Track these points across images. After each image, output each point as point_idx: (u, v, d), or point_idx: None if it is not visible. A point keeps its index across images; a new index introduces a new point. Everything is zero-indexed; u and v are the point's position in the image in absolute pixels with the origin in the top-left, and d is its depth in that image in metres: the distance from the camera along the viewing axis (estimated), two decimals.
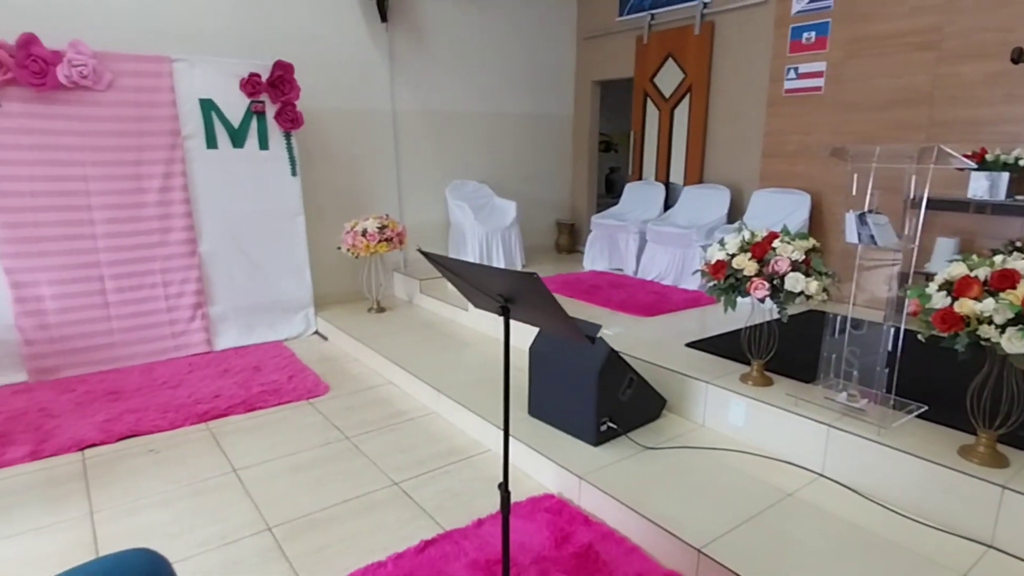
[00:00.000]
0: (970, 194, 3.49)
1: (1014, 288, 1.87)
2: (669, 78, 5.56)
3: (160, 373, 3.77)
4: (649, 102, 5.78)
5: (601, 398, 2.57)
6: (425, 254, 1.27)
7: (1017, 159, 3.42)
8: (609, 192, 9.23)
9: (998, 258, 2.00)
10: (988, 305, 1.87)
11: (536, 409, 2.90)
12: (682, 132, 5.52)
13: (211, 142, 4.06)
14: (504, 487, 1.45)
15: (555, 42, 6.32)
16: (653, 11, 5.58)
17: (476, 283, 1.25)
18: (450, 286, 5.14)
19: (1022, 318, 1.84)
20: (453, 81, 5.67)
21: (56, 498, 2.46)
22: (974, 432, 2.14)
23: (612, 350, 2.60)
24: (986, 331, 1.89)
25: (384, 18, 5.02)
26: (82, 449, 2.85)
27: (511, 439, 2.73)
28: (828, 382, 2.64)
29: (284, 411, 3.29)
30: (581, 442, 2.66)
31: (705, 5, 5.14)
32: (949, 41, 3.79)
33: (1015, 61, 2.22)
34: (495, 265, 5.32)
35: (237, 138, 4.14)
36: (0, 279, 3.52)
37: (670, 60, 5.52)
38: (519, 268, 5.59)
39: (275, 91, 4.20)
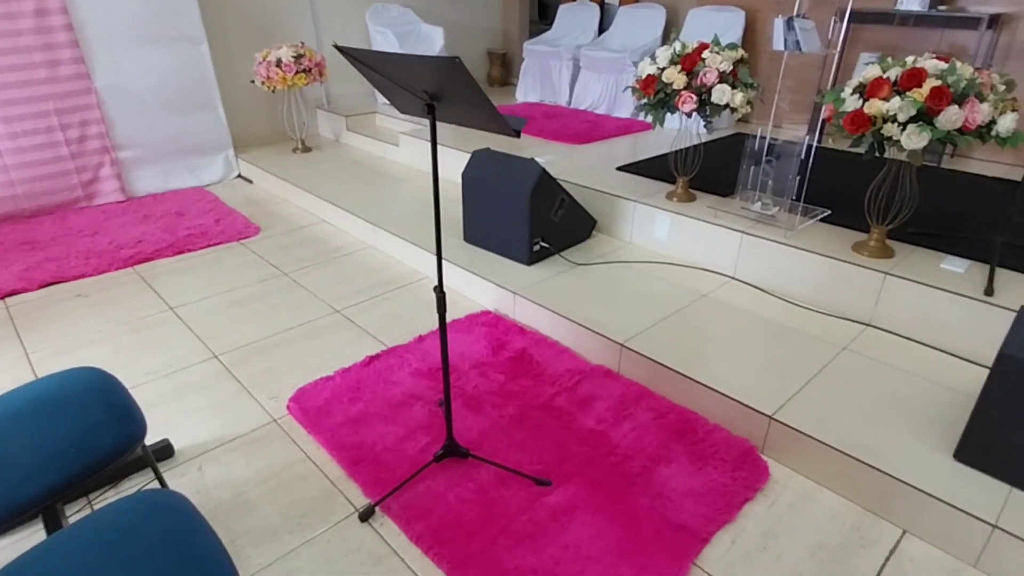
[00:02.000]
0: (896, 6, 3.48)
1: (920, 87, 1.95)
2: None
3: (74, 222, 3.57)
4: None
5: (533, 219, 2.64)
6: (340, 49, 1.19)
7: None
8: (543, 18, 8.66)
9: (910, 58, 2.06)
10: (894, 103, 1.96)
11: (471, 235, 2.95)
12: None
13: None
14: (439, 290, 1.52)
15: None
16: None
17: (398, 79, 1.20)
18: (378, 121, 4.92)
19: (923, 114, 1.95)
20: None
21: None
22: (868, 230, 2.35)
23: (544, 171, 2.62)
24: (889, 129, 2.00)
25: None
26: (3, 298, 2.75)
27: (447, 263, 2.82)
28: (746, 194, 2.78)
29: (215, 252, 3.23)
30: (515, 263, 2.77)
31: None
32: None
33: None
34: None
35: None
36: None
37: None
38: None
39: None
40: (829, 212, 2.64)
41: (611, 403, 2.04)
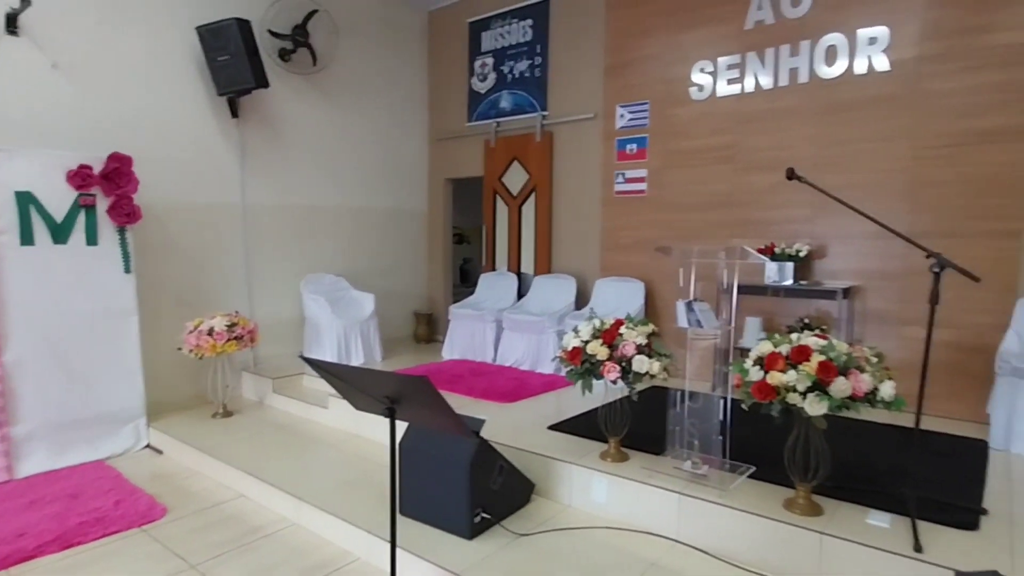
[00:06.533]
0: (767, 280, 4.17)
1: (808, 360, 2.27)
2: (516, 178, 6.05)
3: None
4: (499, 199, 6.22)
5: (474, 489, 2.59)
6: (308, 360, 1.27)
7: (798, 251, 4.19)
8: (464, 282, 9.53)
9: (794, 336, 2.42)
10: (791, 376, 2.24)
11: (407, 507, 2.82)
12: (530, 226, 5.98)
13: (27, 238, 3.64)
14: None
15: (409, 142, 6.64)
16: (499, 119, 6.13)
17: (362, 387, 1.28)
18: (305, 382, 4.92)
19: (818, 385, 2.23)
20: (308, 176, 5.67)
21: None
22: (793, 486, 2.47)
23: (483, 439, 2.65)
24: (793, 398, 2.25)
25: (235, 114, 4.96)
26: None
27: (380, 542, 2.62)
28: (675, 452, 2.91)
29: (112, 544, 2.85)
30: (456, 536, 2.62)
31: (544, 117, 5.77)
32: (741, 156, 4.62)
33: (789, 177, 2.79)
34: (354, 358, 5.22)
35: (59, 233, 3.76)
36: None
37: (516, 163, 6.03)
38: (378, 360, 5.51)
39: (109, 184, 3.91)
40: (755, 468, 2.78)
41: None
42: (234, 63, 4.61)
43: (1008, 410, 3.22)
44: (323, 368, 1.27)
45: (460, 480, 2.59)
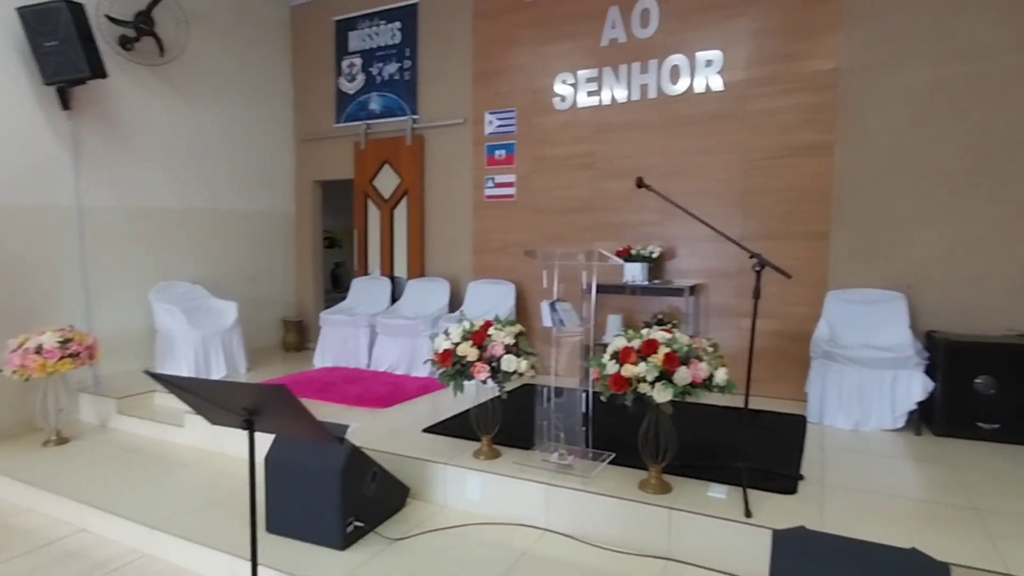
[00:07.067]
0: (625, 280, 4.50)
1: (656, 353, 2.50)
2: (387, 182, 5.99)
3: None
4: (370, 202, 6.12)
5: (346, 497, 2.56)
6: (154, 376, 1.21)
7: (651, 253, 4.56)
8: (336, 287, 9.23)
9: (645, 331, 2.65)
10: (642, 368, 2.46)
11: (276, 524, 2.71)
12: (403, 230, 5.95)
13: None
14: None
15: (274, 142, 6.33)
16: (369, 121, 6.03)
17: (216, 400, 1.24)
18: (157, 400, 4.53)
19: (665, 375, 2.47)
20: (158, 176, 5.22)
21: None
22: (647, 468, 2.71)
23: (354, 447, 2.63)
24: (644, 387, 2.47)
25: (66, 106, 4.45)
26: None
27: (244, 563, 2.51)
28: (544, 446, 3.06)
29: None
30: (328, 548, 2.57)
31: (415, 121, 5.77)
32: (600, 164, 4.93)
33: (638, 186, 3.05)
34: (214, 371, 4.90)
35: None
36: None
37: (387, 166, 5.97)
38: (243, 372, 5.21)
39: None
40: (614, 455, 3.01)
41: None
42: (64, 49, 4.15)
43: (820, 388, 3.74)
44: (172, 383, 1.21)
45: (331, 489, 2.55)
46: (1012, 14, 3.65)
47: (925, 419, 3.56)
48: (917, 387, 3.48)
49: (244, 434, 2.82)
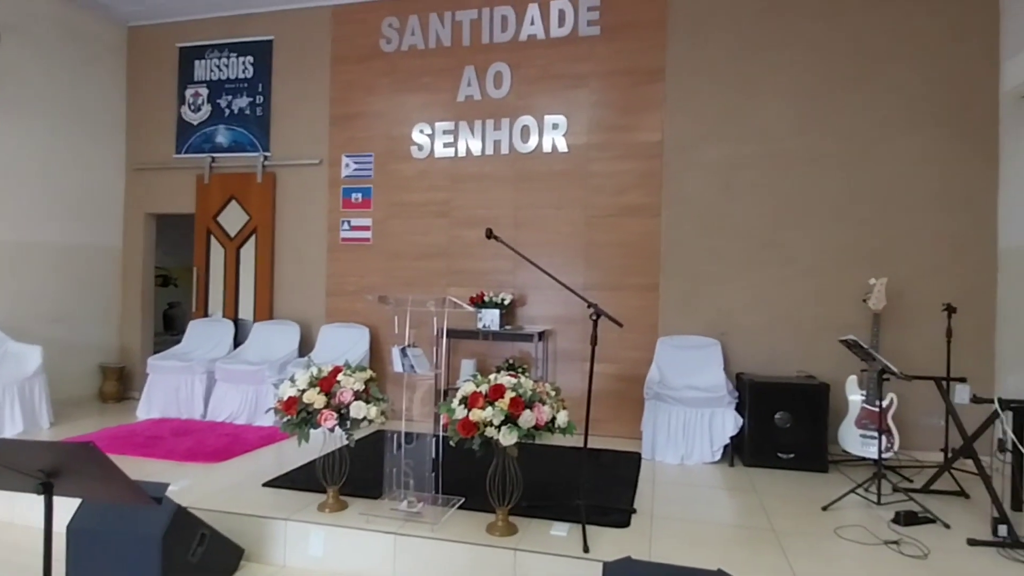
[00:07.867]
0: (479, 325, 4.63)
1: (502, 397, 2.61)
2: (234, 218, 5.67)
3: None
4: (213, 239, 5.73)
5: (167, 565, 2.32)
6: None
7: (503, 299, 4.75)
8: (169, 329, 8.42)
9: (492, 376, 2.75)
10: (488, 412, 2.55)
11: None
12: (250, 270, 5.63)
13: None
14: None
15: (98, 169, 5.73)
16: (214, 154, 5.71)
17: (5, 461, 1.11)
18: None
19: (510, 419, 2.58)
20: None
21: None
22: (494, 510, 2.77)
23: (179, 507, 2.41)
24: (491, 431, 2.56)
25: None
26: None
27: None
28: (392, 494, 3.01)
29: None
30: None
31: (266, 157, 5.56)
32: (455, 212, 5.09)
33: (488, 236, 3.21)
34: (8, 428, 4.22)
35: None
36: None
37: (234, 202, 5.66)
38: (45, 427, 4.54)
39: None
40: (463, 499, 3.04)
41: None
42: None
43: (653, 426, 4.10)
44: None
45: (150, 557, 2.30)
46: (790, 106, 4.44)
47: (737, 451, 4.04)
48: (730, 423, 3.94)
49: (40, 500, 2.51)
